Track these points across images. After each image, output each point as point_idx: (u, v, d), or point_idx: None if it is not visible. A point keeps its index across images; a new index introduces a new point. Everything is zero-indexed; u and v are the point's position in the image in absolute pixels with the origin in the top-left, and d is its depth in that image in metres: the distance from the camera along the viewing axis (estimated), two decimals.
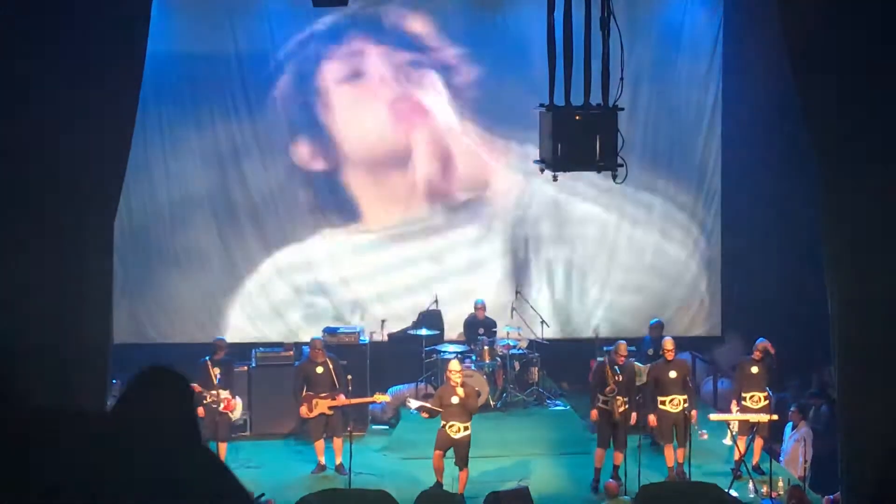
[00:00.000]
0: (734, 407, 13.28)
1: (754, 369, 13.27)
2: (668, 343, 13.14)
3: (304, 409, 13.26)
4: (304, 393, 13.27)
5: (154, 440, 2.49)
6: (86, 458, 2.37)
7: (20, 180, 9.17)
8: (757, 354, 13.32)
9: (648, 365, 13.80)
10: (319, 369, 13.28)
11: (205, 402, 12.99)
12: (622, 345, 13.21)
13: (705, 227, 17.00)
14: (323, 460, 13.41)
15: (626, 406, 12.83)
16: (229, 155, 16.35)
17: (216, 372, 13.14)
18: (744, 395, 13.26)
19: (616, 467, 12.73)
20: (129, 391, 2.70)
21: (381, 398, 13.92)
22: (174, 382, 2.76)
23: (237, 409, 13.40)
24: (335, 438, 13.31)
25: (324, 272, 16.64)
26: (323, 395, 13.21)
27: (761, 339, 13.46)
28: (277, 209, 16.54)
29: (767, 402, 13.25)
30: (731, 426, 13.29)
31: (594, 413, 13.02)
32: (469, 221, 16.89)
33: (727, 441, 13.57)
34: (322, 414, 13.22)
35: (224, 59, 16.10)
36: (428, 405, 12.45)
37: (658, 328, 15.09)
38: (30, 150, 9.17)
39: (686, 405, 12.85)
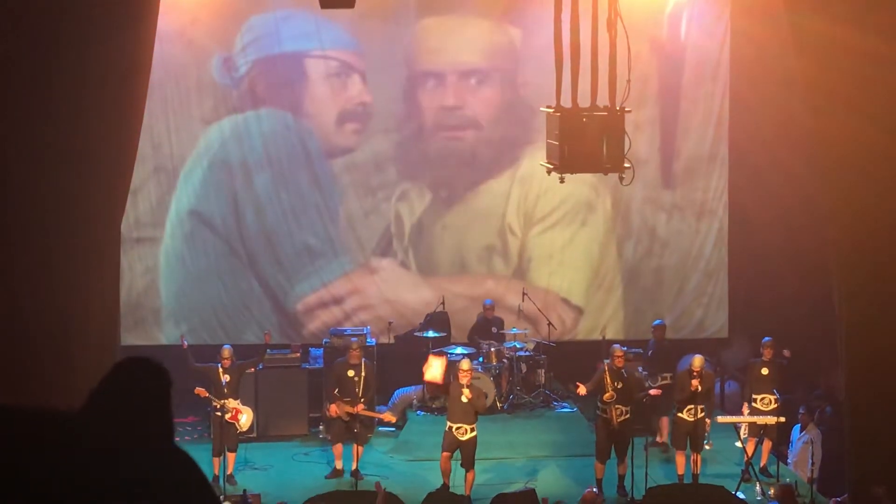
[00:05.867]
0: (745, 409, 13.22)
1: (764, 371, 13.19)
2: (697, 362, 12.55)
3: (329, 407, 13.16)
4: (335, 392, 13.13)
5: (124, 438, 2.38)
6: (53, 457, 2.28)
7: (26, 183, 9.17)
8: (767, 354, 13.23)
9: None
10: (351, 372, 13.06)
11: (216, 411, 12.86)
12: (616, 349, 12.79)
13: (712, 228, 16.93)
14: (339, 465, 13.21)
15: (628, 415, 12.46)
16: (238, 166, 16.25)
17: (226, 378, 12.91)
18: (754, 396, 13.19)
19: (621, 478, 12.48)
20: (104, 383, 2.54)
21: (388, 418, 13.74)
22: (151, 375, 2.55)
23: (245, 421, 13.12)
24: (355, 445, 13.00)
25: (331, 276, 16.62)
26: (346, 399, 13.00)
27: (767, 338, 13.37)
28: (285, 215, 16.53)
29: (777, 404, 13.14)
30: (739, 428, 13.22)
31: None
32: None
33: (739, 444, 13.47)
34: (340, 418, 13.02)
35: None
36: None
37: (661, 329, 14.65)
38: (36, 154, 9.17)
39: (702, 415, 12.66)
